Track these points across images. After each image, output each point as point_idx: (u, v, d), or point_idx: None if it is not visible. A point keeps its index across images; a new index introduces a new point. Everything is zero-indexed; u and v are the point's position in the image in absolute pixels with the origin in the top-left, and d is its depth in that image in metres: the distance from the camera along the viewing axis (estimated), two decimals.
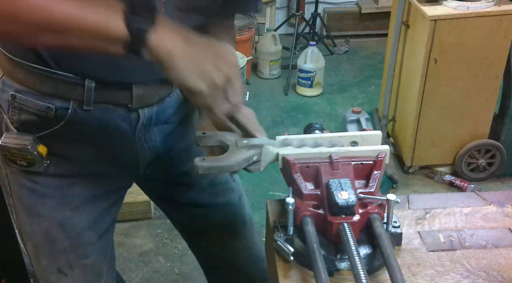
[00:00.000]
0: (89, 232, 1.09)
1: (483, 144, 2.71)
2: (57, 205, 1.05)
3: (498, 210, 0.98)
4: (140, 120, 1.05)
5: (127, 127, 1.04)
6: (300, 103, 3.70)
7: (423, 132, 2.71)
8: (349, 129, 2.89)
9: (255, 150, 0.89)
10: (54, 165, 1.02)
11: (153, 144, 1.11)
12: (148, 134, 1.08)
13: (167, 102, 1.09)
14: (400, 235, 0.87)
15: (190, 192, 1.25)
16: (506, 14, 2.40)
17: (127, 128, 1.04)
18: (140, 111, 1.04)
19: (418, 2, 2.53)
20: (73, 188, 1.06)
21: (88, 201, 1.08)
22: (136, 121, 1.04)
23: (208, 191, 1.25)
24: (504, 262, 0.85)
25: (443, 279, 0.82)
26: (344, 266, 0.81)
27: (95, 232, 1.11)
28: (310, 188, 0.84)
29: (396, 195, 0.81)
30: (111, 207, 1.14)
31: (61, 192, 1.05)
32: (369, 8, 4.50)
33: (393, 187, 2.75)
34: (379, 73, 3.63)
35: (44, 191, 1.04)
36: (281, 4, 4.60)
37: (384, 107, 2.91)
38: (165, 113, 1.10)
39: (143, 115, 1.05)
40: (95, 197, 1.09)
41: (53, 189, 1.04)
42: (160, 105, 1.07)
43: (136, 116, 1.04)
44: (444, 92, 2.58)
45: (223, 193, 1.27)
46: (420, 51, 2.52)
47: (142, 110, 1.04)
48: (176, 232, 2.49)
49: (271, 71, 3.99)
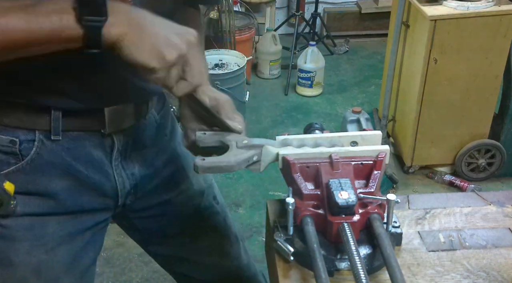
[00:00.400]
0: (67, 276, 1.00)
1: (483, 144, 2.71)
2: (31, 248, 0.95)
3: (498, 210, 0.98)
4: (115, 146, 0.98)
5: (101, 156, 0.97)
6: (300, 103, 3.70)
7: (423, 132, 2.71)
8: (349, 129, 2.89)
9: (255, 150, 0.89)
10: (23, 204, 0.92)
11: (132, 171, 1.03)
12: (125, 161, 1.01)
13: (144, 125, 1.03)
14: (400, 235, 0.88)
15: (176, 221, 1.18)
16: (506, 14, 2.40)
17: (102, 156, 0.97)
18: (114, 137, 0.97)
19: (418, 2, 2.53)
20: (47, 227, 0.96)
21: (64, 240, 0.98)
22: (111, 147, 0.98)
23: (193, 218, 1.19)
24: (504, 262, 0.85)
25: (443, 279, 0.82)
26: (344, 266, 0.81)
27: (73, 275, 1.01)
28: (310, 188, 0.84)
29: (396, 195, 0.81)
30: (89, 245, 1.03)
31: (34, 233, 0.95)
32: (369, 8, 4.50)
33: (393, 187, 2.75)
34: (379, 73, 3.63)
35: (15, 235, 0.93)
36: (281, 4, 4.60)
37: (384, 107, 2.91)
38: (143, 137, 1.03)
39: (119, 140, 0.98)
40: (71, 235, 0.99)
41: (25, 231, 0.94)
42: (137, 128, 1.01)
43: (111, 142, 0.97)
44: (444, 92, 2.58)
45: (209, 218, 1.22)
46: (420, 51, 2.52)
47: (117, 135, 0.97)
48: None
49: (271, 71, 3.99)
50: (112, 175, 1.00)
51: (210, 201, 1.21)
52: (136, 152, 1.03)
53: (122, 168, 1.01)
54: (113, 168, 1.00)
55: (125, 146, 0.99)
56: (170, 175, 1.12)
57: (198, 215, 1.20)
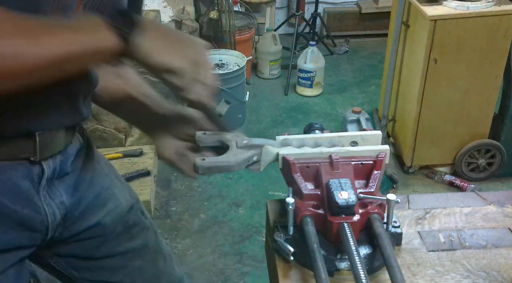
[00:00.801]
0: None
1: (483, 144, 2.71)
2: None
3: (498, 210, 0.98)
4: (44, 174, 0.90)
5: (29, 186, 0.89)
6: (300, 103, 3.70)
7: (423, 132, 2.71)
8: (349, 129, 2.90)
9: (255, 150, 0.89)
10: None
11: (60, 199, 0.96)
12: (52, 189, 0.94)
13: (70, 149, 0.97)
14: (400, 235, 0.88)
15: (105, 243, 1.09)
16: (506, 14, 2.40)
17: (29, 187, 0.89)
18: (44, 164, 0.90)
19: (418, 2, 2.53)
20: None
21: None
22: (39, 176, 0.90)
23: (124, 237, 1.12)
24: (504, 262, 0.85)
25: (443, 279, 0.82)
26: (344, 266, 0.81)
27: None
28: (310, 188, 0.84)
29: (396, 195, 0.81)
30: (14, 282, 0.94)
31: None
32: (369, 8, 4.51)
33: (393, 187, 2.75)
34: (379, 73, 3.63)
35: None
36: (281, 4, 4.60)
37: (384, 107, 2.91)
38: (67, 162, 0.97)
39: (48, 167, 0.91)
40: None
41: None
42: (64, 154, 0.95)
43: (39, 170, 0.90)
44: (444, 92, 2.58)
45: (139, 234, 1.15)
46: (420, 51, 2.52)
47: (46, 162, 0.90)
48: (176, 232, 2.52)
49: (271, 71, 3.99)
50: (42, 208, 0.92)
51: (139, 216, 1.16)
52: (62, 178, 0.96)
53: (50, 198, 0.94)
54: (42, 199, 0.92)
55: (52, 173, 0.93)
56: (96, 196, 1.05)
57: (128, 233, 1.12)
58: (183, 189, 2.83)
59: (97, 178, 1.06)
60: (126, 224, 1.11)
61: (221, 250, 2.42)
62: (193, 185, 2.85)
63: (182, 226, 2.57)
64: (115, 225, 1.09)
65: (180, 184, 2.86)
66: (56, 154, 0.92)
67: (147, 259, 1.17)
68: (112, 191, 1.10)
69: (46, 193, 0.93)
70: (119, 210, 1.10)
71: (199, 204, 2.72)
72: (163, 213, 2.65)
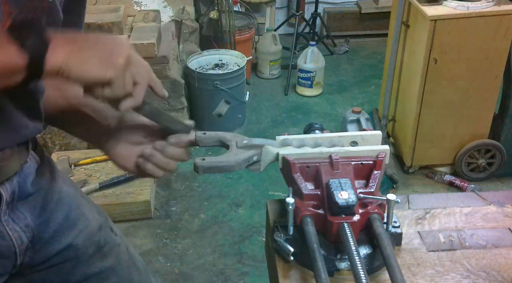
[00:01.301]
0: None
1: (483, 144, 2.71)
2: None
3: (498, 210, 0.98)
4: (2, 199, 0.86)
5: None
6: (300, 103, 3.70)
7: (423, 132, 2.71)
8: (349, 129, 2.90)
9: (255, 150, 0.89)
10: None
11: (25, 222, 0.93)
12: (15, 213, 0.90)
13: (27, 169, 0.92)
14: (400, 235, 0.88)
15: (79, 265, 1.06)
16: (506, 14, 2.40)
17: None
18: (1, 188, 0.86)
19: (418, 2, 2.53)
20: None
21: None
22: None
23: (96, 257, 1.08)
24: (504, 262, 0.85)
25: (443, 279, 0.82)
26: (344, 266, 0.81)
27: None
28: (310, 188, 0.84)
29: (396, 195, 0.81)
30: None
31: None
32: (369, 8, 4.50)
33: (393, 187, 2.75)
34: (379, 73, 3.63)
35: None
36: (281, 4, 4.60)
37: (384, 107, 2.91)
38: (27, 182, 0.92)
39: (5, 191, 0.87)
40: None
41: None
42: (21, 174, 0.90)
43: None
44: (444, 92, 2.58)
45: (112, 252, 1.11)
46: (420, 51, 2.52)
47: (3, 186, 0.86)
48: (176, 232, 2.52)
49: (271, 71, 3.99)
50: (6, 233, 0.89)
51: (109, 234, 1.12)
52: (24, 200, 0.93)
53: (14, 222, 0.91)
54: (4, 225, 0.89)
55: (12, 196, 0.89)
56: (65, 216, 1.02)
57: (100, 252, 1.09)
58: (183, 189, 2.83)
59: (65, 198, 1.03)
60: (98, 244, 1.08)
61: (221, 250, 2.42)
62: (193, 185, 2.85)
63: (182, 226, 2.57)
64: (87, 245, 1.05)
65: (180, 184, 2.86)
66: (11, 176, 0.88)
67: (121, 275, 1.13)
68: (81, 210, 1.06)
69: (9, 217, 0.89)
70: (89, 230, 1.06)
71: (199, 204, 2.72)
72: (163, 213, 2.65)
